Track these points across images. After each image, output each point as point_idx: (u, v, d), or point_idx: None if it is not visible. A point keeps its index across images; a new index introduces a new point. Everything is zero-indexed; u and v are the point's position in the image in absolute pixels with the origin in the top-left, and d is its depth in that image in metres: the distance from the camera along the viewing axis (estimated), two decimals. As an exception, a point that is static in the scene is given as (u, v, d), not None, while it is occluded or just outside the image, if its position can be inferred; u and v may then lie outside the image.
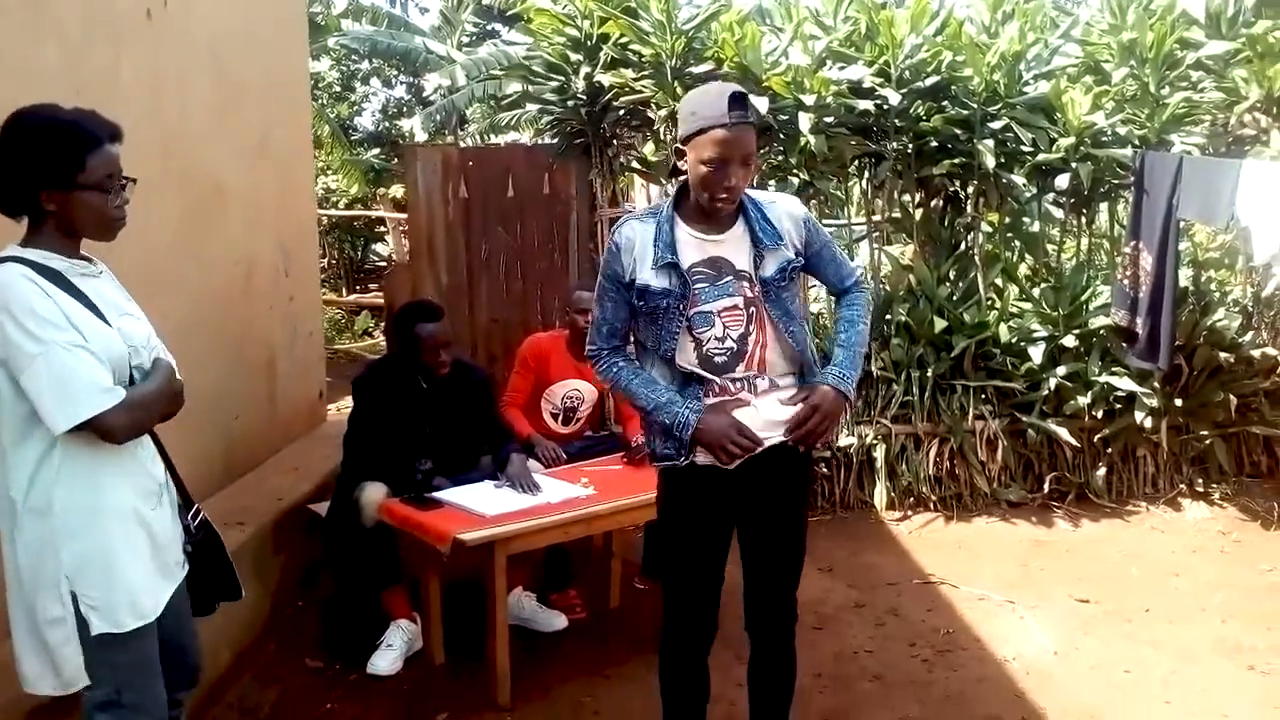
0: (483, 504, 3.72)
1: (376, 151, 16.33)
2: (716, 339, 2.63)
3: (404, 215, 11.90)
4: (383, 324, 11.84)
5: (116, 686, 2.24)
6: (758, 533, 2.78)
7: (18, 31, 2.99)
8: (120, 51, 3.55)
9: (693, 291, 2.61)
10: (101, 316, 2.21)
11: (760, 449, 2.62)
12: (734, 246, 2.65)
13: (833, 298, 2.94)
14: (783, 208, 2.72)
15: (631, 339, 2.83)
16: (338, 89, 17.07)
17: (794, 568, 2.82)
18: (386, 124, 17.86)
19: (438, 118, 13.68)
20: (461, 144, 13.50)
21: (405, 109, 17.87)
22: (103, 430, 2.14)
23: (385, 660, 3.88)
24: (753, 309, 2.64)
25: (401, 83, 18.23)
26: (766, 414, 2.65)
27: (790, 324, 2.68)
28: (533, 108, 6.46)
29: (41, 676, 2.25)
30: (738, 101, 2.48)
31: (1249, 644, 4.09)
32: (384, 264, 15.72)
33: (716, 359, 2.64)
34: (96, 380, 2.12)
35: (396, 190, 14.43)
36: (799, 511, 2.82)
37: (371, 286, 14.41)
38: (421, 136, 14.66)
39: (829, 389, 2.66)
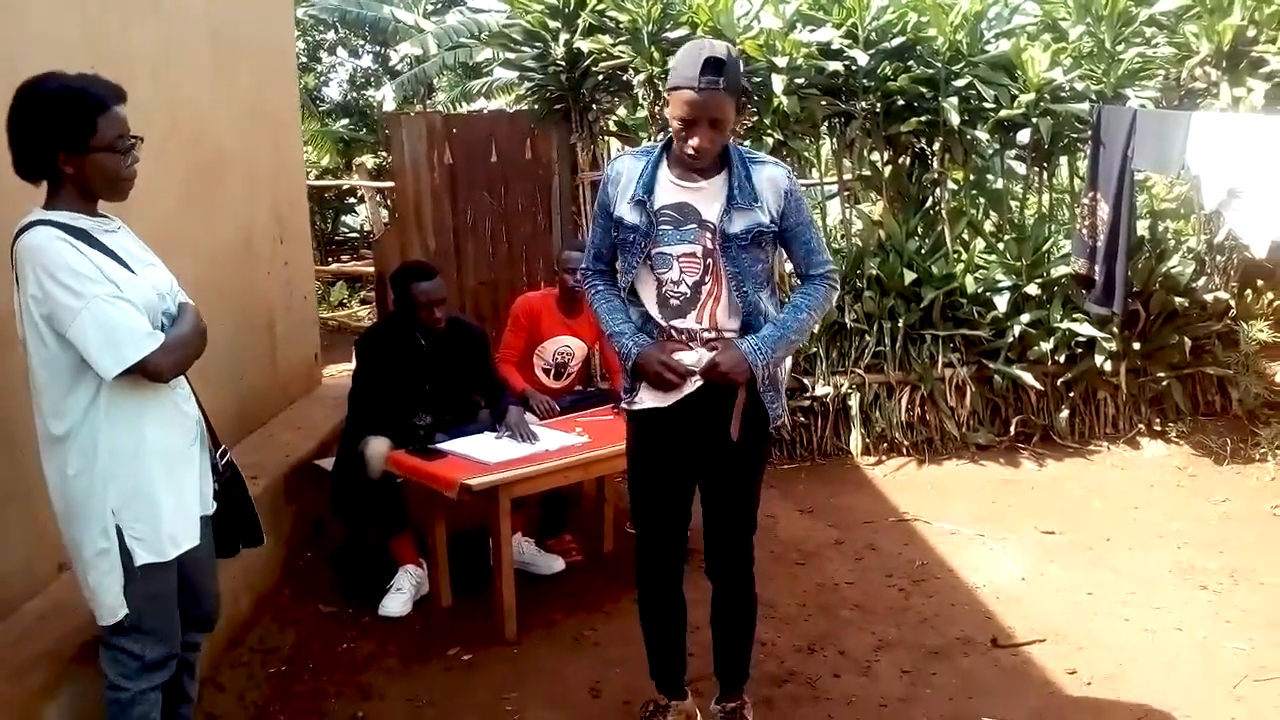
0: (485, 452, 3.95)
1: (345, 122, 16.32)
2: (673, 282, 2.80)
3: (379, 184, 12.05)
4: (360, 294, 11.95)
5: (140, 614, 2.45)
6: (710, 481, 2.97)
7: (43, 4, 3.14)
8: (129, 21, 3.69)
9: (656, 231, 2.78)
10: (128, 268, 2.39)
11: (690, 384, 2.80)
12: (708, 197, 2.77)
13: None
14: (768, 174, 2.79)
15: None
16: (304, 59, 17.00)
17: (744, 515, 2.98)
18: (354, 94, 17.83)
19: (407, 87, 13.74)
20: (430, 112, 13.55)
21: (373, 79, 17.84)
22: (150, 371, 2.34)
23: (396, 602, 4.10)
24: (709, 260, 2.77)
25: (368, 52, 18.17)
26: (689, 361, 2.81)
27: (743, 283, 2.77)
28: (505, 74, 6.60)
29: (91, 606, 2.46)
30: (710, 67, 2.58)
31: (1202, 566, 4.39)
32: (355, 235, 15.76)
33: (672, 301, 2.81)
34: (138, 326, 2.32)
35: (367, 160, 14.46)
36: (748, 464, 2.94)
37: (344, 258, 14.46)
38: (390, 106, 14.71)
39: (738, 354, 2.74)
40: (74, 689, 2.70)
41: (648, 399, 2.89)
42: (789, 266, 3.21)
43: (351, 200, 15.38)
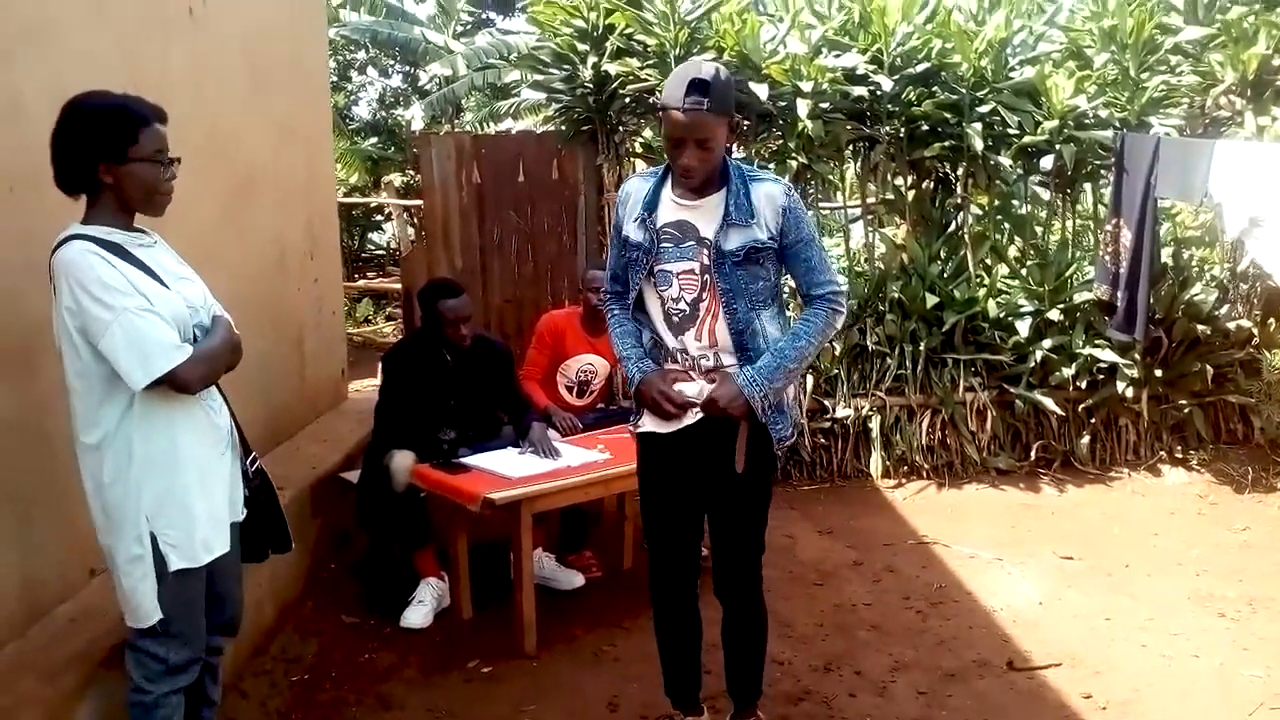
0: (508, 467, 4.01)
1: (374, 140, 16.53)
2: (673, 299, 2.86)
3: (406, 203, 12.19)
4: (385, 310, 12.06)
5: (168, 618, 2.52)
6: (716, 508, 3.02)
7: (80, 25, 3.24)
8: (168, 45, 3.80)
9: (658, 249, 2.84)
10: (161, 282, 2.47)
11: (691, 415, 2.86)
12: (706, 214, 2.81)
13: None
14: (765, 190, 2.80)
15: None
16: (335, 78, 17.23)
17: (750, 540, 3.01)
18: (383, 113, 18.05)
19: (435, 106, 13.92)
20: (459, 133, 13.72)
21: (401, 98, 18.05)
22: (178, 383, 2.41)
23: (417, 615, 4.16)
24: (706, 277, 2.82)
25: (398, 72, 18.40)
26: (690, 393, 2.86)
27: (734, 300, 2.80)
28: (532, 95, 6.69)
29: (125, 611, 2.53)
30: (695, 88, 2.63)
31: (1221, 594, 4.39)
32: (381, 252, 15.92)
33: (674, 317, 2.88)
34: (167, 339, 2.39)
35: (395, 178, 14.63)
36: (753, 488, 2.97)
37: (370, 274, 14.62)
38: (419, 125, 14.90)
39: (735, 388, 2.78)
40: (103, 691, 2.77)
41: (649, 423, 2.96)
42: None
43: (378, 218, 15.55)
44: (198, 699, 2.73)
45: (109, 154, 2.40)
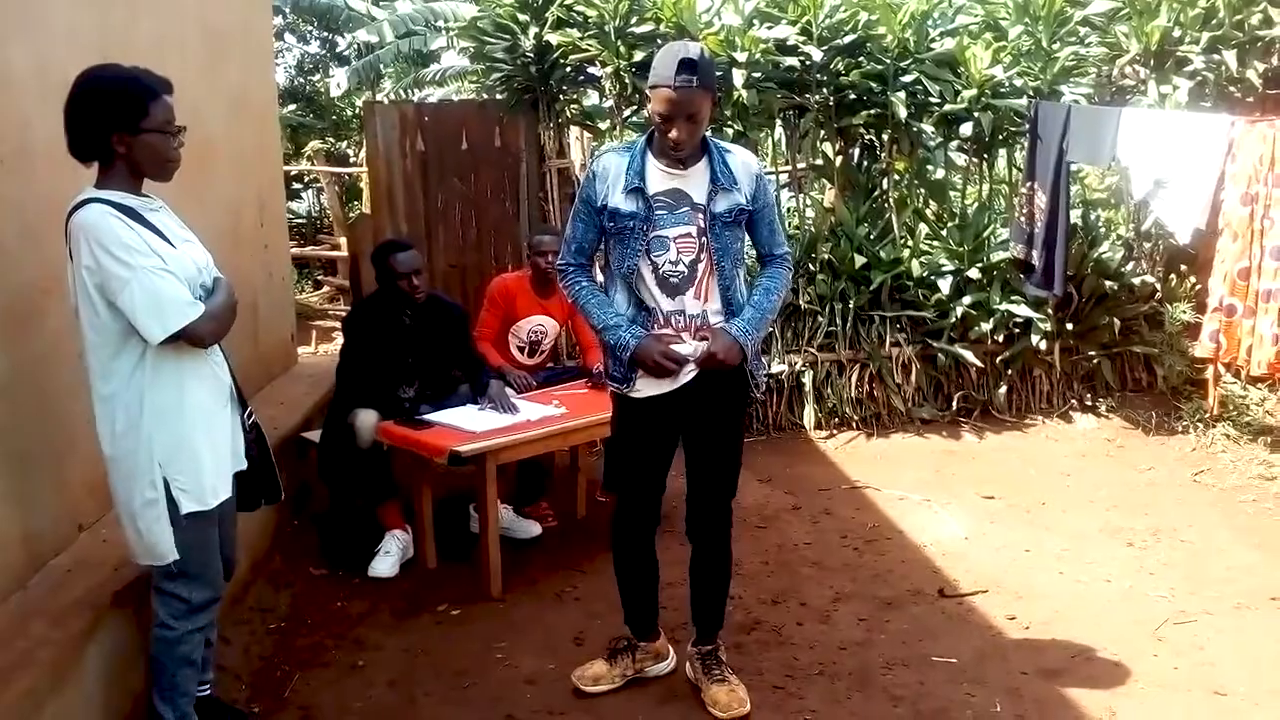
0: (470, 422, 4.21)
1: (293, 107, 16.34)
2: (670, 262, 3.06)
3: (337, 169, 12.18)
4: (311, 278, 12.01)
5: (186, 559, 2.71)
6: (698, 450, 3.26)
7: (64, 2, 3.34)
8: (136, 15, 3.89)
9: (654, 216, 3.05)
10: (170, 243, 2.63)
11: (686, 373, 3.08)
12: (695, 181, 3.05)
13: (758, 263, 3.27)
14: (741, 159, 3.08)
15: (599, 264, 3.29)
16: (252, 44, 16.92)
17: (727, 480, 3.28)
18: (301, 79, 17.83)
19: (360, 74, 13.85)
20: (404, 101, 13.69)
21: (320, 65, 17.84)
22: (193, 338, 2.58)
23: (384, 564, 4.35)
24: (703, 239, 3.06)
25: (316, 38, 18.16)
26: (685, 352, 3.09)
27: (723, 259, 3.05)
28: (456, 62, 6.76)
29: (142, 552, 2.70)
30: (685, 67, 2.86)
31: (1129, 526, 4.78)
32: (301, 220, 15.81)
33: (671, 280, 3.08)
34: (182, 296, 2.56)
35: (315, 144, 14.52)
36: (734, 433, 3.27)
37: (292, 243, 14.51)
38: (338, 92, 14.82)
39: (730, 339, 3.02)
40: (112, 632, 2.93)
41: (647, 388, 3.13)
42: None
43: (297, 186, 15.41)
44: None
45: (122, 125, 2.54)
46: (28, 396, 3.04)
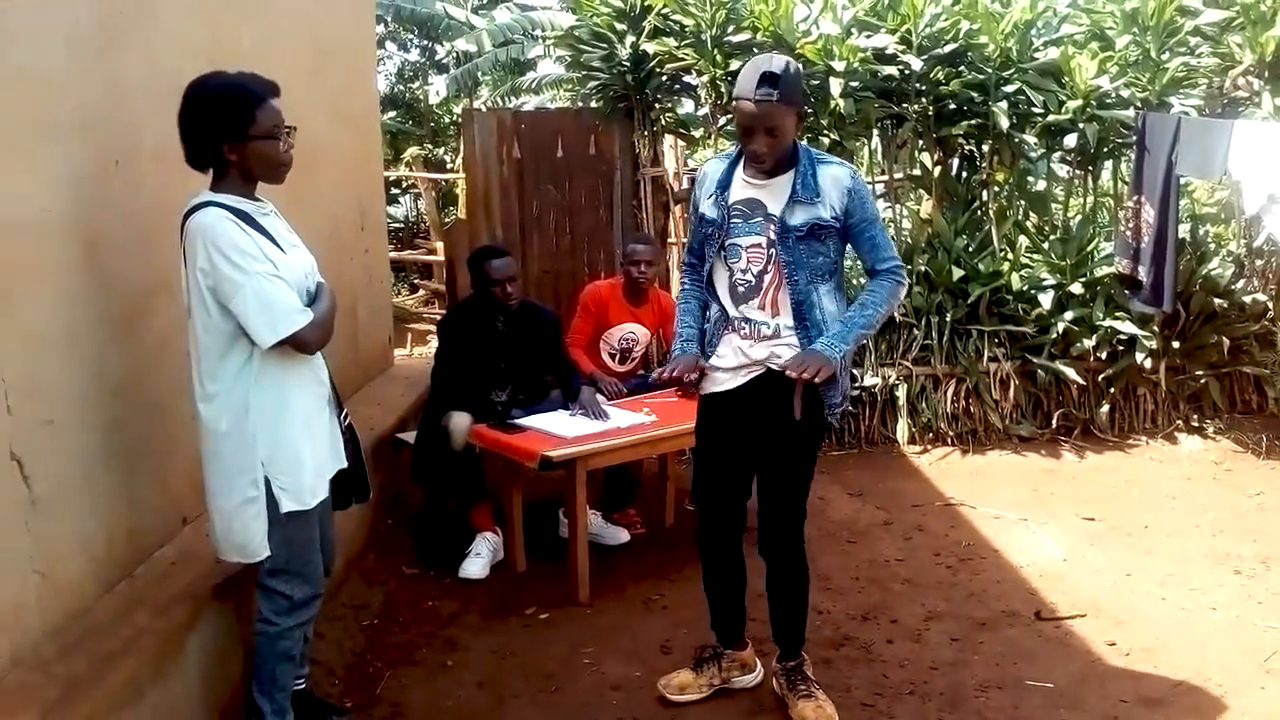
0: (561, 428, 4.24)
1: (393, 114, 16.68)
2: (741, 270, 3.09)
3: (435, 175, 12.39)
4: (407, 282, 12.24)
5: (287, 557, 2.77)
6: (766, 467, 3.23)
7: (172, 8, 3.44)
8: (242, 24, 4.00)
9: (730, 224, 3.08)
10: (280, 249, 2.69)
11: (743, 374, 3.11)
12: (774, 193, 3.05)
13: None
14: (832, 173, 3.01)
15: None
16: (354, 53, 17.29)
17: (795, 501, 3.22)
18: (401, 87, 18.19)
19: (459, 81, 14.10)
20: (501, 109, 13.90)
21: (419, 73, 18.19)
22: (301, 345, 2.64)
23: (475, 566, 4.40)
24: (772, 250, 3.05)
25: (416, 46, 18.52)
26: (754, 354, 3.09)
27: (796, 272, 3.01)
28: (554, 71, 6.85)
29: (231, 549, 2.77)
30: (765, 80, 2.86)
31: (1236, 553, 4.61)
32: (399, 225, 16.12)
33: (739, 287, 3.11)
34: (293, 303, 2.61)
35: (413, 151, 14.79)
36: (801, 455, 3.19)
37: (392, 246, 14.80)
38: (435, 100, 15.10)
39: (805, 356, 2.95)
40: (211, 624, 3.01)
41: (708, 383, 3.20)
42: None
43: (395, 191, 15.73)
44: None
45: (231, 134, 2.60)
46: (136, 394, 3.13)
